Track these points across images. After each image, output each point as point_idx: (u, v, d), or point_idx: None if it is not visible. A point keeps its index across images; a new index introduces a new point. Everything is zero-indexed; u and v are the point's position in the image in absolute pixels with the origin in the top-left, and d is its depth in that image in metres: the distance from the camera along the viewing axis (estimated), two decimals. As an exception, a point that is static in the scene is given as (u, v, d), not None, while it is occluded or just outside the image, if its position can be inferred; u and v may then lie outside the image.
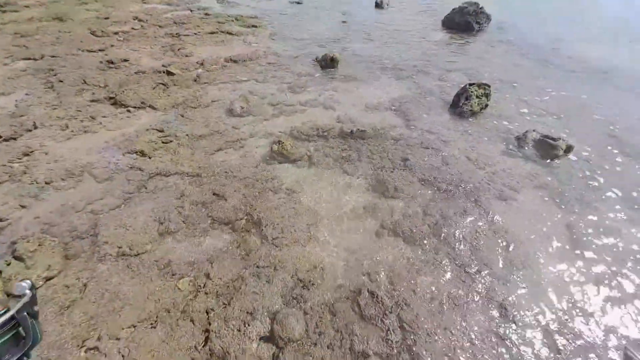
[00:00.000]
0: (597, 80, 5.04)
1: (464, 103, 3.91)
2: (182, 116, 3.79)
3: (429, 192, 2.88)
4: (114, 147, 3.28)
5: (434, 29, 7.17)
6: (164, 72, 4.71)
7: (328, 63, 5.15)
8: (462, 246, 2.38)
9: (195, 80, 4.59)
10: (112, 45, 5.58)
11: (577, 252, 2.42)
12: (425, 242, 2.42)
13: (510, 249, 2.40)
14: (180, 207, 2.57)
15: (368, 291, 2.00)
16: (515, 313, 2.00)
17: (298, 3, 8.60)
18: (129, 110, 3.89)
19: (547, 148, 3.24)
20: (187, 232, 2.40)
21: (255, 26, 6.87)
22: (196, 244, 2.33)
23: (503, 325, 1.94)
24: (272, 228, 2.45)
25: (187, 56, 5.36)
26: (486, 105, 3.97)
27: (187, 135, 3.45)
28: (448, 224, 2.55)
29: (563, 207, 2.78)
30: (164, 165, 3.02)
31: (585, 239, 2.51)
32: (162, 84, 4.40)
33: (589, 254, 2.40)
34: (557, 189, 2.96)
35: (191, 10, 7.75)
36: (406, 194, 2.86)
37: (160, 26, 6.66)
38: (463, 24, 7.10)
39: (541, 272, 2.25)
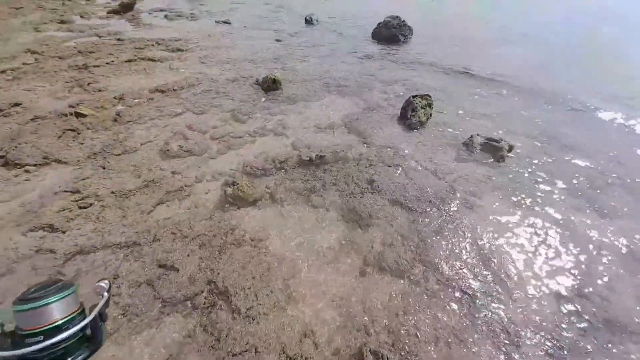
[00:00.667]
0: (515, 81, 5.74)
1: (412, 115, 4.02)
2: (103, 168, 3.10)
3: (402, 213, 2.79)
4: (9, 225, 2.48)
5: (365, 42, 7.48)
6: (71, 115, 3.87)
7: (270, 85, 4.88)
8: (448, 269, 2.31)
9: (115, 120, 3.87)
10: (-3, 88, 4.46)
11: (550, 254, 2.55)
12: (412, 271, 2.28)
13: (491, 264, 2.41)
14: (115, 295, 1.99)
15: (370, 352, 1.75)
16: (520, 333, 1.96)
17: (225, 23, 8.19)
18: (27, 171, 3.04)
19: (493, 150, 3.46)
20: (130, 329, 1.85)
21: (182, 50, 6.26)
22: (145, 342, 1.80)
23: (511, 349, 1.87)
24: (243, 296, 2.04)
25: (100, 91, 4.54)
26: (431, 115, 4.14)
27: (112, 192, 2.80)
28: (429, 246, 2.47)
29: (520, 205, 2.95)
30: (84, 240, 2.36)
31: (553, 235, 2.67)
32: (71, 130, 3.60)
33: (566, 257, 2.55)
34: (510, 188, 3.14)
35: (99, 36, 6.76)
36: (381, 219, 2.72)
37: (61, 57, 5.61)
38: (390, 36, 7.56)
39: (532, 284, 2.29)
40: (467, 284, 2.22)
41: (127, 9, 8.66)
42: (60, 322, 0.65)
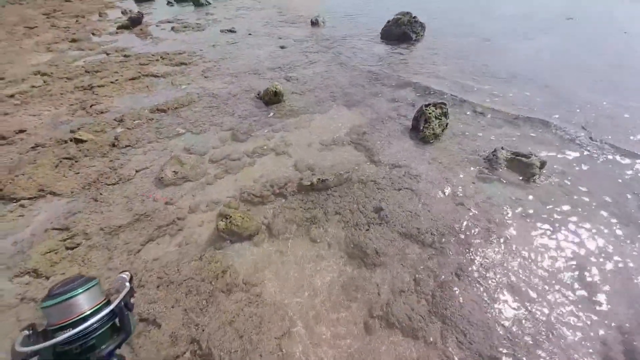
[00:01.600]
0: (544, 72, 5.15)
1: (425, 127, 3.62)
2: (96, 200, 2.97)
3: (414, 249, 2.44)
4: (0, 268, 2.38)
5: (374, 42, 7.06)
6: (70, 141, 3.81)
7: (272, 98, 4.63)
8: (471, 327, 1.94)
9: (113, 145, 3.76)
10: (5, 114, 4.51)
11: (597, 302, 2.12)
12: (427, 328, 1.94)
13: (522, 318, 2.02)
14: None
15: None
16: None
17: (230, 31, 8.04)
18: (22, 205, 2.97)
19: (522, 167, 3.02)
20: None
21: (185, 63, 6.15)
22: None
23: None
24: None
25: (102, 113, 4.48)
26: (447, 125, 3.72)
27: (101, 229, 2.65)
28: (446, 295, 2.11)
29: (558, 236, 2.51)
30: (67, 289, 2.21)
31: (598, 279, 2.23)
32: (68, 159, 3.52)
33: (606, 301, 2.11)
34: (545, 215, 2.70)
35: (107, 54, 6.79)
36: (389, 258, 2.39)
37: (68, 78, 5.65)
38: (401, 34, 7.08)
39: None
40: (495, 349, 1.85)
41: (136, 23, 8.73)
42: (88, 312, 0.65)
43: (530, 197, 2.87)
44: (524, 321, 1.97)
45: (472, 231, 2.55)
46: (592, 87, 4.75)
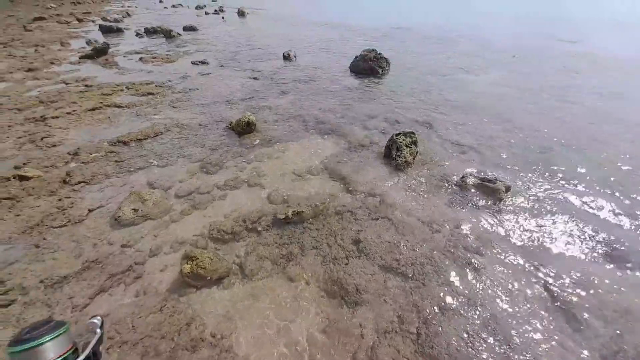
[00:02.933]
0: (500, 106, 5.62)
1: (397, 155, 3.71)
2: (37, 247, 2.58)
3: (396, 282, 2.35)
4: None
5: (344, 75, 7.41)
6: (13, 178, 3.39)
7: (244, 128, 4.56)
8: (459, 364, 1.84)
9: (64, 182, 3.40)
10: None
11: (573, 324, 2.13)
12: (415, 373, 1.80)
13: (505, 342, 1.96)
14: None
15: None
16: None
17: (203, 63, 8.06)
18: (-59, 257, 2.49)
19: (490, 192, 3.14)
20: None
21: (152, 93, 5.97)
22: None
23: None
24: None
25: (54, 146, 4.11)
26: (417, 153, 3.85)
27: (41, 282, 2.27)
28: (431, 330, 2.01)
29: (530, 265, 2.56)
30: (-12, 362, 1.81)
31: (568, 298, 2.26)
32: (8, 199, 3.10)
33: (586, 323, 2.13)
34: (514, 238, 2.77)
35: (66, 83, 6.43)
36: (371, 294, 2.26)
37: (19, 109, 5.21)
38: (368, 69, 7.53)
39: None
40: (485, 384, 1.75)
41: (101, 54, 8.48)
42: None
43: (499, 220, 2.95)
44: (507, 351, 1.91)
45: (451, 260, 2.53)
46: (537, 115, 5.26)
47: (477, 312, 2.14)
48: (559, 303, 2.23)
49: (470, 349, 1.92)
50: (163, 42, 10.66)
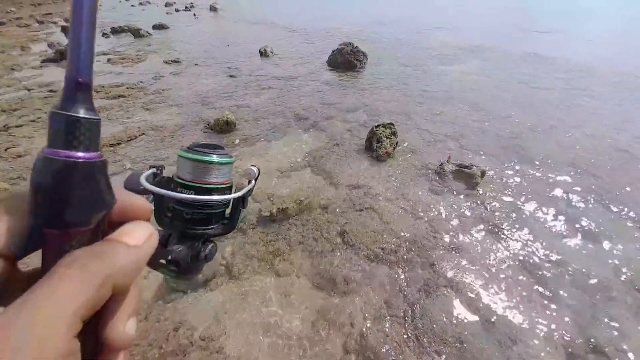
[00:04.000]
0: (473, 93, 5.81)
1: (377, 146, 3.77)
2: None
3: (382, 270, 2.41)
4: None
5: (322, 70, 7.39)
6: (-26, 193, 3.17)
7: (223, 128, 4.47)
8: (445, 346, 1.92)
9: (33, 193, 3.21)
10: None
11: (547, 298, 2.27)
12: (404, 353, 1.86)
13: (489, 324, 2.07)
14: None
15: None
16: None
17: (175, 62, 7.80)
18: None
19: (466, 177, 3.26)
20: None
21: (123, 96, 5.72)
22: None
23: None
24: None
25: (19, 156, 3.87)
26: (397, 143, 3.93)
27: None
28: (417, 312, 2.09)
29: (507, 243, 2.70)
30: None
31: (547, 277, 2.41)
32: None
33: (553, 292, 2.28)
34: (490, 220, 2.91)
35: (29, 90, 6.05)
36: (359, 283, 2.31)
37: (-25, 119, 4.84)
38: (346, 62, 7.55)
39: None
40: None
41: (65, 56, 8.00)
42: (211, 186, 0.56)
43: (475, 204, 3.09)
44: (493, 327, 2.02)
45: (433, 245, 2.63)
46: (509, 102, 5.49)
47: (460, 292, 2.24)
48: (532, 275, 2.37)
49: (454, 327, 2.01)
50: (132, 41, 10.21)
